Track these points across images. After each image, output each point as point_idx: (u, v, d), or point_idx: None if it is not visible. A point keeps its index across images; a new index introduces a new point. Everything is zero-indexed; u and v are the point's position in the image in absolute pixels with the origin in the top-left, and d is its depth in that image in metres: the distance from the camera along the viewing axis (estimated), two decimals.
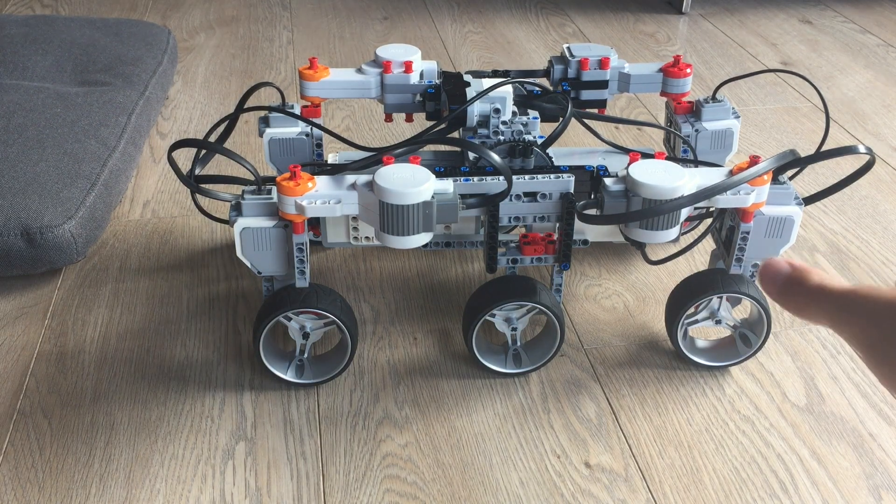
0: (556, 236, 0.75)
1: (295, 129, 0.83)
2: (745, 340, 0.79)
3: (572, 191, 0.71)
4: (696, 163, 0.79)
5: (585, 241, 0.82)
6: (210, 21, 1.65)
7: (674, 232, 0.69)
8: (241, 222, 0.70)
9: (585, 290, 0.90)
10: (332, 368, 0.77)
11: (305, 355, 0.77)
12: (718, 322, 0.78)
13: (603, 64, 0.86)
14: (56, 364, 0.80)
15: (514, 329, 0.77)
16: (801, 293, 0.40)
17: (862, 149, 0.70)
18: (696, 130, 0.85)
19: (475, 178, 0.71)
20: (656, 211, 0.67)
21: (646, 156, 0.71)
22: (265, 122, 0.83)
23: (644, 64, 0.89)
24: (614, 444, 0.72)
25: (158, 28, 1.38)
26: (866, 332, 0.38)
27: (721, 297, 0.77)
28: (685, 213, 0.69)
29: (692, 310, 0.77)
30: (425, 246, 0.75)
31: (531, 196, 0.72)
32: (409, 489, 0.68)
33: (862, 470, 0.70)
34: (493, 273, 0.76)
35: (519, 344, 0.78)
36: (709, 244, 0.97)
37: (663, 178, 0.67)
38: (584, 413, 0.75)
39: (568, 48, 0.88)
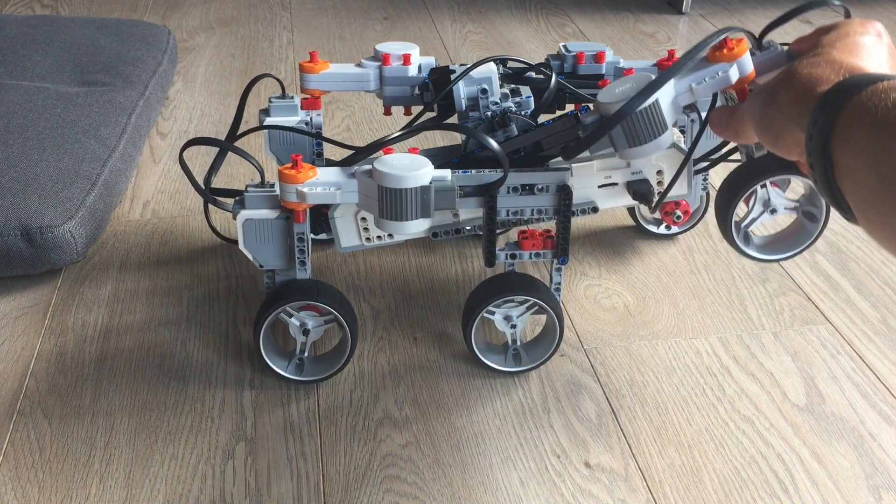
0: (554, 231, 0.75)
1: (294, 119, 0.83)
2: (811, 217, 0.76)
3: (569, 182, 0.72)
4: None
5: (595, 209, 0.79)
6: (210, 21, 1.65)
7: (667, 137, 0.66)
8: (244, 214, 0.71)
9: (585, 290, 0.90)
10: (332, 367, 0.77)
11: (305, 354, 0.77)
12: (774, 211, 0.75)
13: (598, 58, 0.87)
14: (56, 364, 0.80)
15: (514, 327, 0.77)
16: (730, 118, 0.61)
17: (836, 1, 0.65)
18: (692, 120, 0.86)
19: (473, 171, 0.71)
20: (619, 116, 0.63)
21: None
22: (265, 111, 0.84)
23: (640, 60, 0.90)
24: (614, 444, 0.72)
25: (158, 28, 1.38)
26: (752, 112, 0.55)
27: (766, 186, 0.73)
28: (670, 113, 0.65)
29: (744, 207, 0.74)
30: (434, 235, 0.75)
31: (528, 189, 0.72)
32: (409, 489, 0.68)
33: (862, 470, 0.70)
34: (491, 267, 0.76)
35: (519, 343, 0.79)
36: (708, 239, 0.97)
37: (632, 90, 0.64)
38: (584, 413, 0.75)
39: (564, 46, 0.89)
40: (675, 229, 0.97)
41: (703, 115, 0.70)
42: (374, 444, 0.72)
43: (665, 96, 0.65)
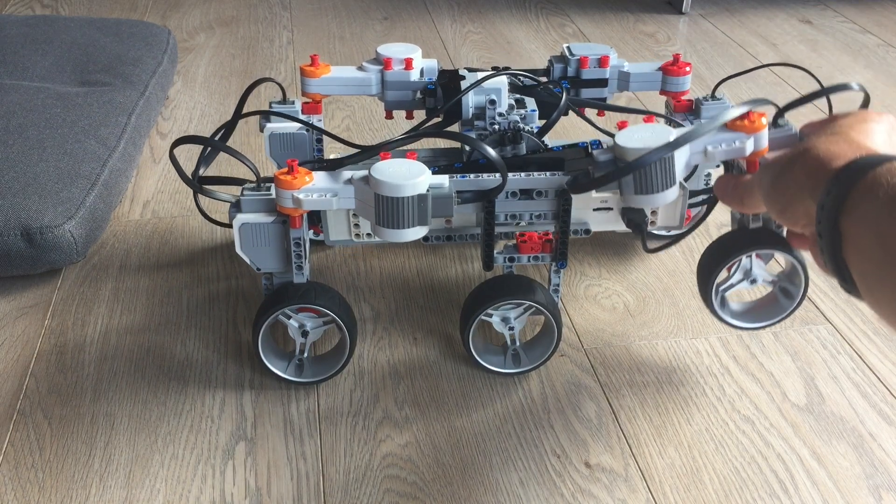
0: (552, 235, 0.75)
1: (296, 124, 0.83)
2: (787, 294, 0.77)
3: (567, 187, 0.71)
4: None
5: (588, 231, 0.79)
6: (210, 21, 1.65)
7: (673, 192, 0.66)
8: (241, 218, 0.70)
9: (585, 290, 0.90)
10: (332, 368, 0.77)
11: (305, 355, 0.77)
12: (754, 282, 0.76)
13: (602, 62, 0.86)
14: (56, 364, 0.80)
15: (512, 328, 0.77)
16: (737, 187, 0.63)
17: (855, 86, 0.67)
18: None
19: (471, 175, 0.71)
20: (635, 166, 0.64)
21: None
22: (266, 117, 0.84)
23: (644, 63, 0.89)
24: (614, 444, 0.72)
25: (158, 28, 1.38)
26: (762, 182, 0.57)
27: (751, 256, 0.74)
28: (681, 169, 0.66)
29: (725, 273, 0.74)
30: (426, 240, 0.75)
31: (527, 193, 0.71)
32: (409, 489, 0.68)
33: (862, 470, 0.70)
34: (489, 270, 0.76)
35: (517, 344, 0.78)
36: (708, 240, 0.97)
37: (650, 139, 0.65)
38: (584, 413, 0.75)
39: (568, 48, 0.88)
40: (675, 230, 0.97)
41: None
42: (374, 444, 0.72)
43: (681, 154, 0.65)
